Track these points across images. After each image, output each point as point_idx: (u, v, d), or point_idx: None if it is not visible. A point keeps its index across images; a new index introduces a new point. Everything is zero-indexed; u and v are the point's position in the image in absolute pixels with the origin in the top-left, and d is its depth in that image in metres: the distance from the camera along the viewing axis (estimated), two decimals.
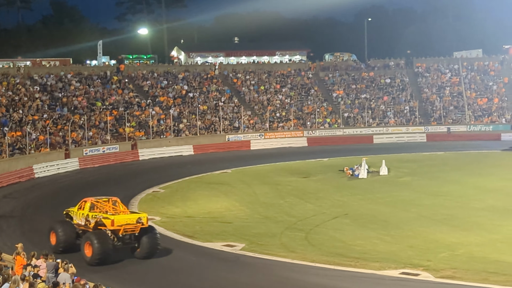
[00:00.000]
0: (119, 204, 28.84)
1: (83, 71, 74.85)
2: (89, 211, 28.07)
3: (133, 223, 27.41)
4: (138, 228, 27.42)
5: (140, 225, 27.44)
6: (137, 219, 27.46)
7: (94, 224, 27.48)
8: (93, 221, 27.55)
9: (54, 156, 56.24)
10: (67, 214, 29.74)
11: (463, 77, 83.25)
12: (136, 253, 27.79)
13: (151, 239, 27.69)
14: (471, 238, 29.18)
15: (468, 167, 52.15)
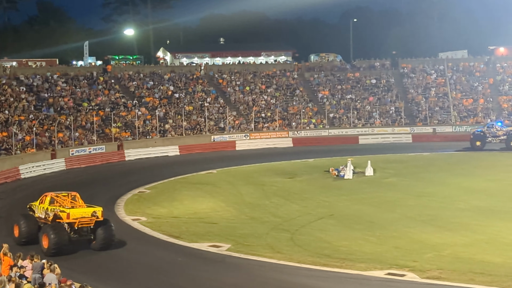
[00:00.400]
0: (78, 199, 30.26)
1: (69, 72, 74.62)
2: (49, 205, 29.57)
3: (88, 216, 28.94)
4: (93, 221, 28.90)
5: (95, 219, 28.91)
6: (92, 213, 28.99)
7: (53, 217, 28.94)
8: (51, 214, 29.04)
9: (40, 157, 56.03)
10: (30, 208, 31.32)
11: (449, 78, 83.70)
12: (92, 245, 29.17)
13: (106, 232, 29.03)
14: (457, 239, 29.36)
15: (453, 168, 52.41)
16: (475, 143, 63.45)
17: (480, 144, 63.13)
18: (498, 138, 63.34)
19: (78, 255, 28.30)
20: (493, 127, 64.11)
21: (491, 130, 63.73)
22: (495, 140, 63.32)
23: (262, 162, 57.97)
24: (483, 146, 62.98)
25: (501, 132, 63.52)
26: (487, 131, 63.74)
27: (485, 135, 63.59)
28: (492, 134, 63.51)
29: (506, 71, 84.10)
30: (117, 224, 34.98)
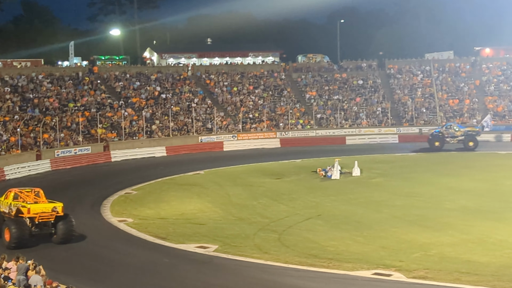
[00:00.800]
0: (41, 195, 31.65)
1: (54, 72, 74.22)
2: (12, 200, 30.96)
3: (49, 211, 30.35)
4: (53, 216, 30.33)
5: (55, 214, 30.35)
6: (52, 208, 30.41)
7: (15, 212, 30.30)
8: (14, 209, 30.40)
9: (25, 158, 55.70)
10: None
11: (435, 78, 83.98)
12: (53, 239, 30.57)
13: (66, 226, 30.39)
14: (443, 239, 29.40)
15: (440, 168, 52.57)
16: (433, 143, 63.98)
17: (439, 144, 63.78)
18: (456, 138, 64.09)
19: (64, 257, 28.09)
20: (451, 127, 64.68)
21: (449, 130, 64.41)
22: (453, 141, 64.08)
23: (250, 162, 57.93)
24: (441, 147, 63.66)
25: (459, 132, 64.15)
26: (445, 132, 64.41)
27: (443, 135, 64.18)
28: (450, 134, 64.20)
29: (491, 71, 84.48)
30: (104, 225, 35.06)
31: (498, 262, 25.51)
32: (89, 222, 35.80)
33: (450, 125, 65.57)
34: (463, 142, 63.84)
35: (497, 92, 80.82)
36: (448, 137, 64.00)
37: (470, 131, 64.66)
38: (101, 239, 31.95)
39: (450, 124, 65.90)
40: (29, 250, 26.70)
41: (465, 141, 63.76)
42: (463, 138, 63.81)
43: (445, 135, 64.10)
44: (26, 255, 22.03)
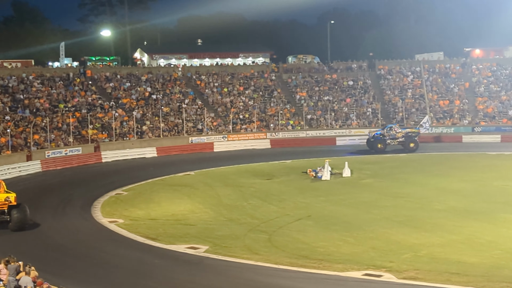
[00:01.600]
0: (2, 185, 34.38)
1: (45, 73, 74.10)
2: None
3: (1, 201, 33.48)
4: (6, 205, 33.35)
5: (7, 203, 33.38)
6: (5, 198, 33.51)
7: None
8: None
9: (15, 159, 55.60)
10: None
11: (425, 79, 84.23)
12: (9, 226, 33.30)
13: (19, 214, 33.23)
14: (433, 239, 29.55)
15: (429, 168, 52.76)
16: (376, 145, 64.41)
17: (382, 146, 64.29)
18: (396, 140, 64.57)
19: (54, 258, 28.08)
20: (392, 129, 65.06)
21: (391, 132, 64.74)
22: (394, 142, 64.53)
23: (240, 163, 57.99)
24: (384, 148, 64.23)
25: (399, 134, 64.66)
26: (387, 134, 64.78)
27: (384, 137, 64.62)
28: (391, 136, 64.60)
29: (481, 72, 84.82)
30: (94, 226, 35.03)
31: (488, 263, 25.68)
32: (80, 223, 35.86)
33: (391, 127, 65.90)
34: (404, 143, 64.42)
35: (487, 93, 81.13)
36: (389, 138, 64.45)
37: (410, 132, 65.29)
38: (91, 240, 31.96)
39: (391, 126, 66.21)
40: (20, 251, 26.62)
41: (405, 142, 64.34)
42: (404, 139, 64.45)
43: (386, 137, 64.52)
44: (16, 256, 22.02)
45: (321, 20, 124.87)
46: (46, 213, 38.25)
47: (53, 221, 36.41)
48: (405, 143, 64.45)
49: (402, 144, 64.45)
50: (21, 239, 32.15)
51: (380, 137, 64.74)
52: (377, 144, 64.36)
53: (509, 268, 24.98)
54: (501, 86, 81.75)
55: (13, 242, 31.12)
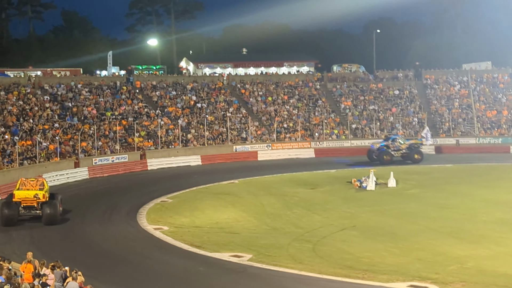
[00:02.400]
0: (44, 183, 37.88)
1: (93, 81, 75.19)
2: (17, 188, 37.37)
3: (31, 197, 36.74)
4: (35, 201, 36.69)
5: (36, 199, 36.67)
6: (34, 195, 36.68)
7: (8, 196, 38.07)
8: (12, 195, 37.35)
9: (64, 165, 56.52)
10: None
11: (472, 89, 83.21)
12: (42, 220, 36.68)
13: (49, 209, 36.42)
14: (480, 251, 29.14)
15: (476, 179, 51.99)
16: (382, 157, 62.63)
17: (388, 158, 62.56)
18: (400, 151, 63.18)
19: (100, 264, 28.43)
20: (396, 140, 63.68)
21: (395, 144, 63.33)
22: (397, 154, 63.10)
23: (284, 172, 57.97)
24: (391, 160, 62.42)
25: (404, 145, 63.35)
26: (391, 145, 63.30)
27: (389, 148, 63.19)
28: (396, 148, 63.18)
29: None
30: (140, 233, 35.38)
31: None
32: (126, 230, 36.25)
33: (395, 138, 64.65)
34: (408, 155, 63.13)
35: None
36: (393, 150, 63.09)
37: (414, 144, 64.19)
38: (137, 246, 32.29)
39: (395, 137, 64.92)
40: (66, 257, 27.04)
41: (410, 154, 63.05)
42: (408, 151, 63.22)
43: (391, 148, 63.15)
44: (62, 262, 22.37)
45: (366, 29, 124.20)
46: (93, 220, 38.81)
47: (99, 227, 36.91)
48: (409, 155, 63.21)
49: (407, 155, 63.21)
50: (67, 245, 32.70)
51: (384, 148, 63.29)
52: (383, 156, 62.77)
53: None
54: None
55: (59, 248, 31.67)
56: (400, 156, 63.19)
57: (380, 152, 63.35)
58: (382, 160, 62.63)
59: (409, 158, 63.19)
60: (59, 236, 34.83)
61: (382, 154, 63.07)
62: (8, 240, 33.71)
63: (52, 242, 33.32)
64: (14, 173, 51.19)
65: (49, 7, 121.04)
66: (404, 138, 65.93)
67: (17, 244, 32.50)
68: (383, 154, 63.04)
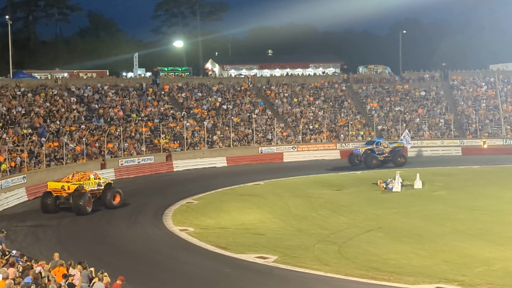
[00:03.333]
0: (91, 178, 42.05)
1: (119, 83, 75.66)
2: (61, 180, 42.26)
3: (59, 188, 40.75)
4: (63, 192, 40.58)
5: (63, 191, 40.54)
6: (61, 186, 40.65)
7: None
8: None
9: (90, 167, 56.84)
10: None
11: (500, 90, 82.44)
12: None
13: (76, 201, 39.96)
14: (508, 253, 28.84)
15: (504, 181, 51.47)
16: (371, 162, 60.47)
17: (376, 162, 60.66)
18: (383, 155, 61.49)
19: (126, 265, 28.57)
20: (381, 144, 62.00)
21: (380, 147, 61.65)
22: (381, 158, 61.42)
23: (310, 174, 57.85)
24: (378, 164, 60.68)
25: (388, 149, 61.79)
26: (376, 149, 61.56)
27: (374, 152, 61.41)
28: (380, 151, 61.52)
29: None
30: (165, 234, 35.53)
31: None
32: (152, 231, 36.44)
33: (379, 141, 62.92)
34: (392, 158, 61.58)
35: None
36: (378, 154, 61.42)
37: (397, 147, 62.72)
38: (163, 247, 32.44)
39: (379, 141, 63.19)
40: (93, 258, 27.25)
41: (394, 157, 61.50)
42: (391, 154, 61.67)
43: (375, 152, 61.44)
44: (89, 262, 22.52)
45: (392, 30, 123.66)
46: (119, 221, 39.07)
47: (126, 228, 37.15)
48: (393, 158, 61.71)
49: (391, 159, 61.69)
50: (94, 245, 32.93)
51: (370, 153, 61.22)
52: (371, 160, 60.66)
53: None
54: None
55: (86, 248, 31.90)
56: (383, 159, 61.63)
57: (367, 156, 61.36)
58: (369, 164, 60.62)
59: (392, 161, 61.62)
60: (86, 237, 35.12)
61: (370, 158, 61.07)
62: (35, 240, 34.08)
63: (78, 242, 33.58)
64: (41, 174, 51.69)
65: (75, 10, 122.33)
66: (388, 142, 64.19)
67: (44, 245, 32.81)
68: (371, 158, 61.06)
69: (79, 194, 40.43)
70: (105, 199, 42.32)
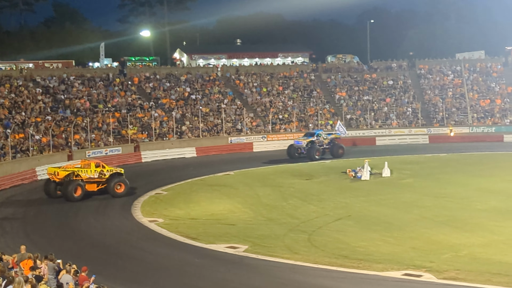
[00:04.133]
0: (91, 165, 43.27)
1: (85, 73, 74.91)
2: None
3: (52, 173, 42.49)
4: (55, 178, 42.17)
5: (55, 176, 42.13)
6: (54, 172, 42.29)
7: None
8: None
9: (57, 158, 56.26)
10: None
11: (466, 78, 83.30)
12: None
13: (64, 188, 41.77)
14: (474, 239, 29.19)
15: (470, 168, 52.12)
16: (314, 154, 59.57)
17: (319, 153, 60.15)
18: (322, 147, 60.84)
19: (95, 257, 28.34)
20: (321, 135, 61.32)
21: (320, 139, 61.00)
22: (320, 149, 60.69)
23: (280, 163, 57.92)
24: (321, 155, 60.34)
25: (326, 140, 61.25)
26: (317, 140, 60.85)
27: (315, 144, 60.60)
28: (320, 143, 60.89)
29: None
30: (134, 225, 35.32)
31: None
32: (120, 222, 36.20)
33: (319, 133, 62.19)
34: (330, 150, 60.92)
35: None
36: (319, 145, 60.72)
37: (334, 138, 62.03)
38: (132, 239, 32.22)
39: (319, 132, 62.42)
40: (61, 250, 27.03)
41: (332, 148, 60.94)
42: (330, 146, 61.13)
43: (317, 144, 60.65)
44: (56, 255, 22.29)
45: (360, 20, 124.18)
46: (87, 213, 38.70)
47: (94, 220, 36.82)
48: (331, 150, 61.06)
49: (329, 151, 61.05)
50: (61, 238, 32.60)
51: (312, 144, 60.22)
52: (314, 152, 59.59)
53: None
54: None
55: (53, 241, 31.58)
56: (322, 151, 60.83)
57: (310, 148, 60.27)
58: (312, 156, 59.72)
59: (331, 153, 60.95)
60: (53, 229, 34.75)
61: (313, 150, 60.07)
62: (1, 233, 33.61)
63: (46, 235, 33.22)
64: (6, 166, 51.00)
65: None
66: (325, 133, 63.09)
67: (10, 238, 32.39)
68: (314, 150, 60.09)
69: (68, 181, 41.79)
70: (108, 188, 43.25)
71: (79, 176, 42.47)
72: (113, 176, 43.68)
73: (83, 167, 43.10)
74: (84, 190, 42.31)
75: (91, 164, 43.57)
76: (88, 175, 42.89)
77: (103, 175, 43.38)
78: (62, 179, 42.10)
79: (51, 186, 42.93)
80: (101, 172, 43.35)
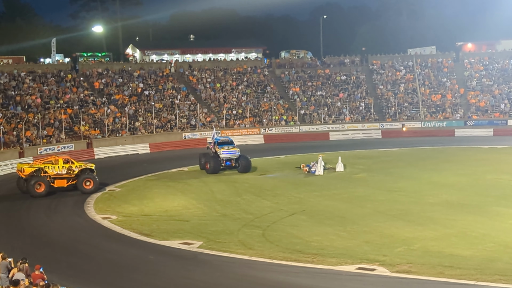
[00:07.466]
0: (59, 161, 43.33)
1: (36, 69, 73.81)
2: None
3: (19, 169, 43.01)
4: (22, 174, 42.42)
5: (21, 173, 42.49)
6: (20, 168, 43.02)
7: None
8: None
9: (8, 155, 55.39)
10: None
11: (417, 73, 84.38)
12: None
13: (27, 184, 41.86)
14: (426, 233, 29.55)
15: (422, 163, 52.79)
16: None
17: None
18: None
19: (46, 255, 27.94)
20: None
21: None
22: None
23: None
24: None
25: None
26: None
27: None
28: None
29: (473, 66, 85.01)
30: (87, 222, 34.93)
31: (481, 256, 25.68)
32: (73, 220, 35.78)
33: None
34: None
35: (479, 87, 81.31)
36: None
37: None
38: (84, 236, 31.86)
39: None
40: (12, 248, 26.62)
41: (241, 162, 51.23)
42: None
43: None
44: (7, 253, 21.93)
45: (313, 15, 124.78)
46: (39, 210, 38.17)
47: (46, 217, 36.34)
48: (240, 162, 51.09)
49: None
50: (12, 235, 32.07)
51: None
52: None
53: (502, 261, 24.99)
54: (493, 80, 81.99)
55: (4, 238, 31.04)
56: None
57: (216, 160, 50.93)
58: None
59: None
60: (4, 227, 34.17)
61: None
62: None
63: None
64: None
65: None
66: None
67: None
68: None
69: (31, 177, 42.00)
70: (78, 184, 43.22)
71: (46, 172, 42.55)
72: (83, 172, 43.67)
73: (51, 163, 43.20)
74: (49, 186, 42.16)
75: (59, 160, 43.60)
76: (56, 171, 42.91)
77: (71, 171, 43.25)
78: (27, 175, 42.19)
79: (21, 182, 43.14)
80: (69, 168, 43.23)
